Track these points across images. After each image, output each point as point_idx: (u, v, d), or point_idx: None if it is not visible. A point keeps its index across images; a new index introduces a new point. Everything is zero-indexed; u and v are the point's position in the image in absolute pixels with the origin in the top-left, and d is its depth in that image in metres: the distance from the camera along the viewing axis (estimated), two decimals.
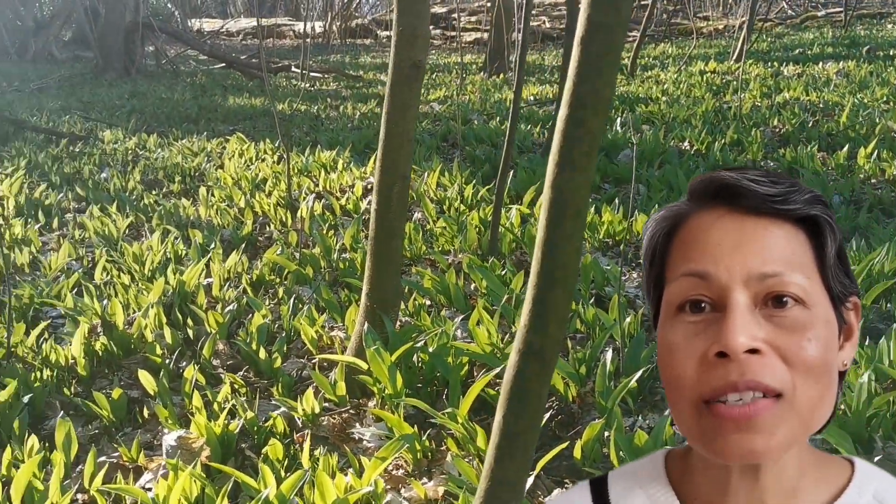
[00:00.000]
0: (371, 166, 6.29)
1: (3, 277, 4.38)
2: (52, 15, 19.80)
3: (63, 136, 8.16)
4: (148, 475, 2.62)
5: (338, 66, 15.37)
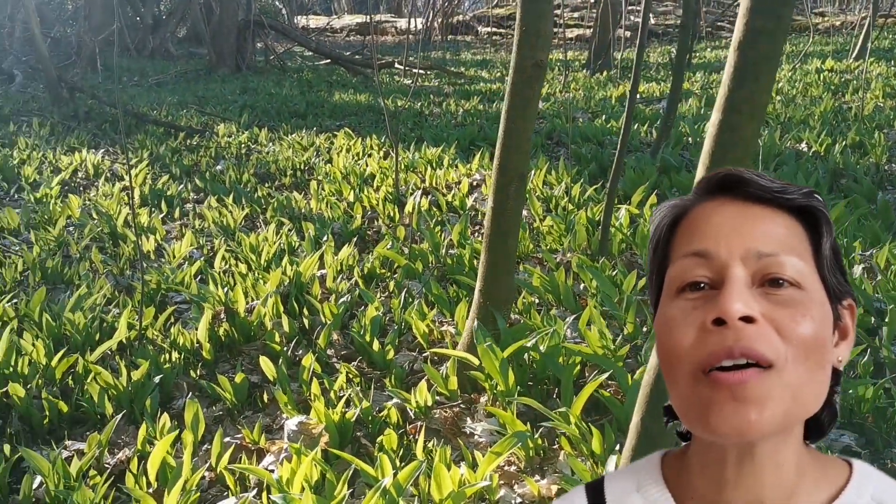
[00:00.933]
0: (476, 163, 6.34)
1: (135, 263, 4.63)
2: (169, 13, 20.69)
3: (181, 129, 8.53)
4: (270, 457, 2.73)
5: (440, 63, 15.49)
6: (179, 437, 2.70)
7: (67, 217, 5.33)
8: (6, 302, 3.81)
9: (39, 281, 4.28)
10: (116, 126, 8.82)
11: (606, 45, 12.73)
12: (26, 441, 2.88)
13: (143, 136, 8.30)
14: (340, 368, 3.25)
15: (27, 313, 3.69)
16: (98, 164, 6.97)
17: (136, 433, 2.92)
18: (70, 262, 4.55)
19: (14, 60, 13.23)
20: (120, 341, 3.45)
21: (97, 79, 12.99)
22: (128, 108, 9.49)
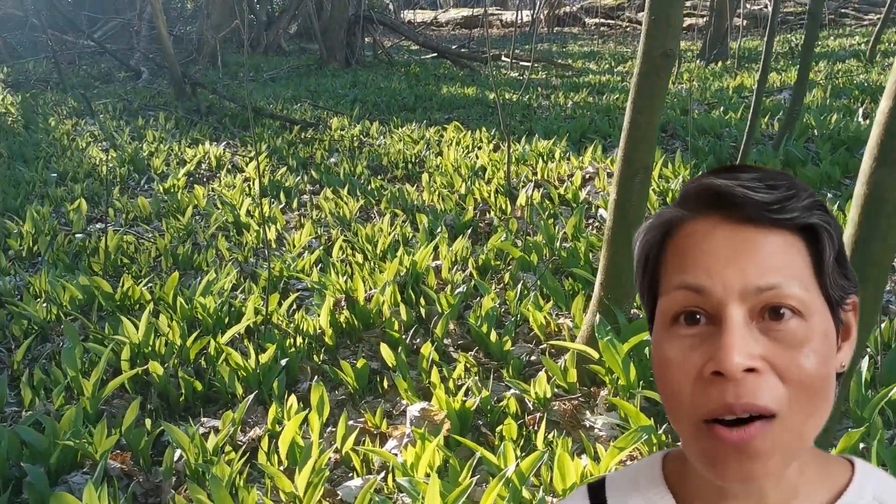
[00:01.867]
0: (589, 156, 6.27)
1: (258, 251, 4.82)
2: (282, 10, 21.33)
3: (296, 122, 8.78)
4: (392, 441, 2.79)
5: (547, 55, 15.37)
6: (306, 418, 2.80)
7: (194, 206, 5.59)
8: (143, 285, 4.04)
9: (171, 266, 4.51)
10: (235, 120, 9.18)
11: (722, 34, 12.33)
12: (164, 417, 3.04)
13: (261, 129, 8.60)
14: (458, 358, 3.29)
15: (162, 296, 3.90)
16: (220, 156, 7.27)
17: (264, 413, 3.05)
18: (198, 249, 4.77)
19: (141, 58, 13.94)
20: (247, 325, 3.60)
21: (217, 75, 13.54)
22: (245, 102, 9.84)
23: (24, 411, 3.04)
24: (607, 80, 11.64)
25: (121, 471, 2.67)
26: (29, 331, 3.71)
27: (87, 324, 3.65)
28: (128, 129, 8.66)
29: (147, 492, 2.61)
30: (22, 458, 2.64)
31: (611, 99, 9.55)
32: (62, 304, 3.90)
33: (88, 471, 2.65)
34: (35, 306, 3.81)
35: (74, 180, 6.58)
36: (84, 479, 2.59)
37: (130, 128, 8.75)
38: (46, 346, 3.62)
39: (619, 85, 11.09)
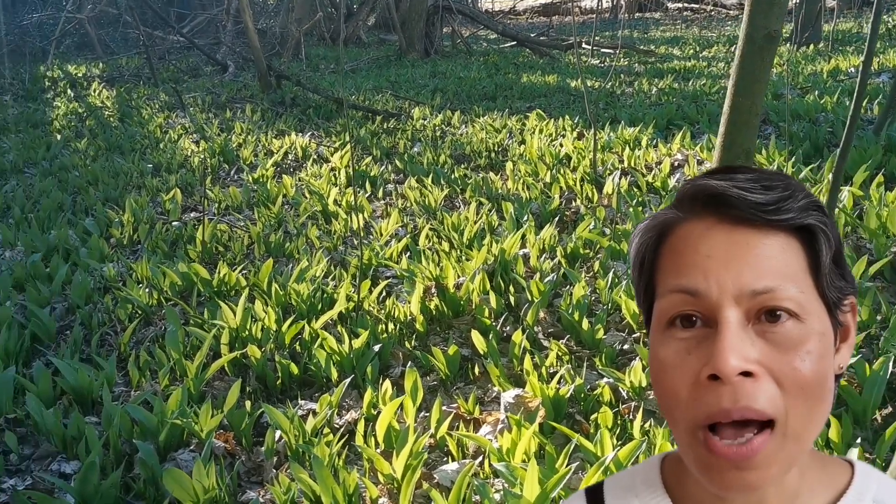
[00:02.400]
0: (677, 143, 6.14)
1: (347, 239, 4.90)
2: (361, 2, 21.57)
3: (378, 113, 8.88)
4: (486, 427, 2.80)
5: (629, 42, 15.10)
6: (400, 403, 2.83)
7: (283, 196, 5.71)
8: (238, 272, 4.16)
9: (264, 254, 4.63)
10: (319, 111, 9.33)
11: (814, 16, 11.87)
12: (262, 399, 3.13)
13: (345, 120, 8.72)
14: (549, 346, 3.28)
15: (256, 283, 4.00)
16: (306, 146, 7.41)
17: (359, 397, 3.10)
18: (289, 238, 4.88)
19: (227, 52, 14.31)
20: (340, 311, 3.66)
21: (300, 67, 13.79)
22: (328, 93, 10.00)
23: (133, 391, 3.17)
24: (693, 65, 11.36)
25: (224, 449, 2.76)
26: (133, 315, 3.87)
27: (187, 309, 3.78)
28: (216, 121, 8.91)
29: (249, 470, 2.70)
30: (133, 435, 2.76)
31: (697, 85, 9.32)
32: (163, 289, 4.05)
33: (195, 449, 2.75)
34: (138, 291, 3.96)
35: (168, 171, 6.82)
36: (191, 457, 2.69)
37: (219, 120, 9.00)
38: (150, 329, 3.77)
39: (705, 70, 10.82)
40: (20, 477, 2.66)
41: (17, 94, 11.53)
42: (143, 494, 2.52)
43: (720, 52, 13.25)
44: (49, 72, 13.27)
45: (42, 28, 16.21)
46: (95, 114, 9.57)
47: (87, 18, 14.93)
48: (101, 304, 3.99)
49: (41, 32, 15.85)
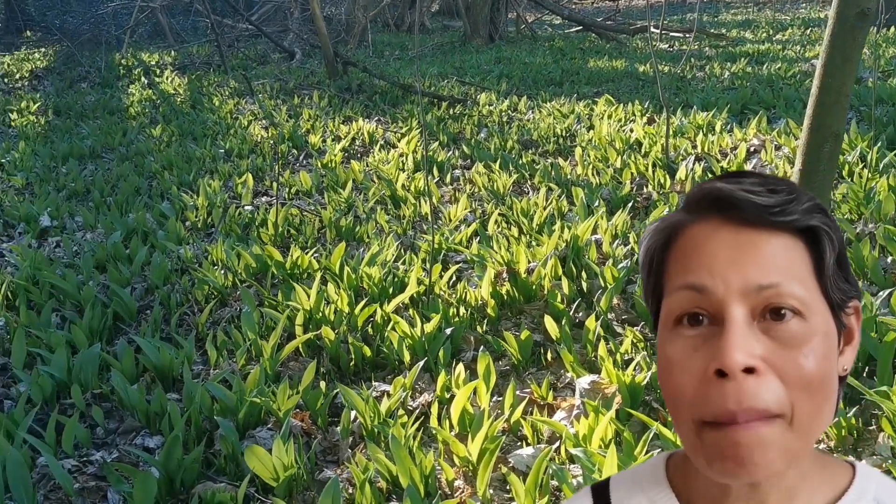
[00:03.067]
0: (753, 128, 5.98)
1: (415, 224, 4.91)
2: None
3: (444, 99, 8.87)
4: (561, 413, 2.78)
5: (698, 25, 14.75)
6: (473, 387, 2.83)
7: (352, 181, 5.76)
8: (310, 255, 4.21)
9: (335, 238, 4.68)
10: (385, 97, 9.37)
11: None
12: (335, 380, 3.17)
13: (410, 105, 8.74)
14: (624, 332, 3.23)
15: (328, 266, 4.04)
16: (372, 132, 7.45)
17: (431, 380, 3.12)
18: (359, 222, 4.92)
19: (294, 39, 14.47)
20: (410, 295, 3.68)
21: (366, 54, 13.87)
22: (394, 79, 10.03)
23: (211, 370, 3.24)
24: (766, 48, 11.03)
25: (301, 428, 2.80)
26: (210, 296, 3.96)
27: (262, 290, 3.85)
28: (285, 107, 9.03)
29: (325, 450, 2.74)
30: (213, 412, 2.82)
31: (772, 69, 9.05)
32: (238, 271, 4.13)
33: (272, 427, 2.80)
34: (214, 273, 4.05)
35: (240, 156, 6.94)
36: (269, 435, 2.74)
37: (287, 106, 9.12)
38: (225, 310, 3.85)
39: (780, 54, 10.50)
40: (107, 450, 2.74)
41: (93, 81, 11.88)
42: (223, 470, 2.58)
43: (794, 35, 12.85)
44: (123, 60, 13.63)
45: (116, 17, 16.65)
46: (168, 100, 9.80)
47: (159, 7, 15.27)
48: (179, 284, 4.09)
49: (116, 22, 16.28)
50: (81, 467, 2.62)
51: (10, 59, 14.46)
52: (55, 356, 3.18)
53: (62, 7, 19.58)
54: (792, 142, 5.40)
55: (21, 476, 2.38)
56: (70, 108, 9.56)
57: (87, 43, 14.78)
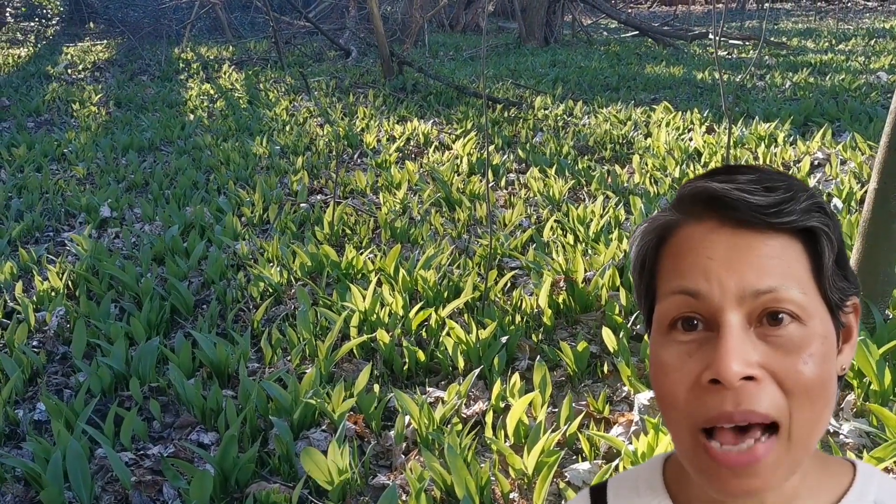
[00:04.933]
0: (817, 141, 5.83)
1: (470, 227, 4.89)
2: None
3: (499, 101, 8.82)
4: (618, 428, 2.73)
5: (757, 33, 14.46)
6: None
7: (407, 181, 5.76)
8: (365, 255, 4.21)
9: (389, 239, 4.68)
10: (440, 98, 9.37)
11: None
12: (389, 383, 3.16)
13: (465, 107, 8.72)
14: None
15: (382, 267, 4.04)
16: (427, 132, 7.44)
17: (485, 387, 3.09)
18: (414, 223, 4.91)
19: (350, 37, 14.56)
20: (466, 301, 3.65)
21: (421, 53, 13.90)
22: (449, 80, 10.02)
23: (266, 368, 3.26)
24: (830, 59, 10.77)
25: (354, 432, 2.79)
26: (265, 293, 3.98)
27: (317, 289, 3.86)
28: (340, 105, 9.08)
29: (378, 454, 2.72)
30: (268, 411, 2.83)
31: (835, 80, 8.82)
32: (293, 269, 4.15)
33: (326, 429, 2.79)
34: (270, 270, 4.07)
35: (295, 153, 6.99)
36: (323, 436, 2.74)
37: (342, 104, 9.17)
38: (280, 308, 3.87)
39: (843, 65, 10.23)
40: (163, 444, 2.77)
41: (153, 74, 12.10)
42: (277, 470, 2.59)
43: (858, 46, 12.52)
44: (183, 54, 13.87)
45: (177, 12, 16.96)
46: (226, 95, 9.93)
47: (219, 3, 15.50)
48: (235, 280, 4.13)
49: (176, 16, 16.58)
50: (138, 460, 2.65)
51: (74, 51, 14.83)
52: (115, 348, 3.22)
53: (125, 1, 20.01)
54: (858, 156, 5.24)
55: (80, 467, 2.41)
56: (130, 101, 9.75)
57: (147, 36, 15.08)
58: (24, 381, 3.18)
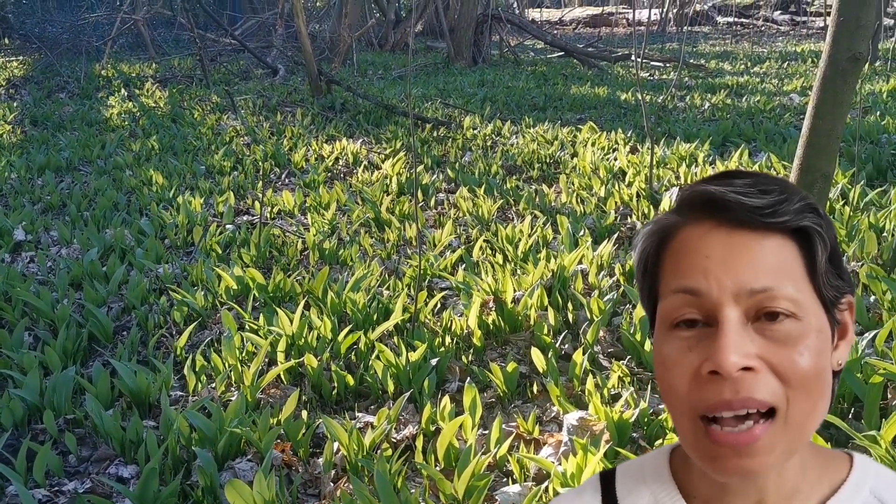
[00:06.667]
0: (735, 162, 6.02)
1: (400, 248, 4.87)
2: (409, 9, 21.64)
3: (427, 120, 8.85)
4: (547, 449, 2.74)
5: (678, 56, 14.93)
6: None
7: (336, 202, 5.71)
8: (293, 278, 4.15)
9: (318, 260, 4.62)
10: (369, 117, 9.34)
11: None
12: (317, 409, 3.10)
13: (394, 126, 8.72)
14: (611, 366, 3.21)
15: (311, 290, 3.98)
16: (356, 152, 7.41)
17: (415, 411, 3.06)
18: (343, 244, 4.86)
19: (277, 55, 14.43)
20: (395, 323, 3.63)
21: (350, 72, 13.85)
22: (377, 99, 10.01)
23: (189, 396, 3.16)
24: (746, 81, 11.18)
25: (281, 460, 2.73)
26: (189, 318, 3.87)
27: (243, 314, 3.77)
28: (267, 124, 8.97)
29: (306, 482, 2.67)
30: (191, 441, 2.74)
31: (751, 101, 9.15)
32: (218, 293, 4.05)
33: (252, 458, 2.72)
34: (193, 294, 3.97)
35: (221, 173, 6.86)
36: (248, 466, 2.67)
37: (270, 123, 9.06)
38: (205, 332, 3.77)
39: (758, 86, 10.64)
40: (79, 480, 2.65)
41: (72, 92, 11.74)
42: (200, 503, 2.51)
43: (772, 68, 13.04)
44: (104, 71, 13.49)
45: (97, 28, 16.52)
46: (149, 114, 9.70)
47: (142, 19, 15.17)
48: (157, 305, 4.01)
49: (96, 32, 16.14)
50: (52, 497, 2.53)
51: None
52: (28, 378, 3.08)
53: (42, 16, 19.39)
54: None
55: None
56: (48, 119, 9.43)
57: (66, 52, 14.63)
58: None
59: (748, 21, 22.75)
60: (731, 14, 22.96)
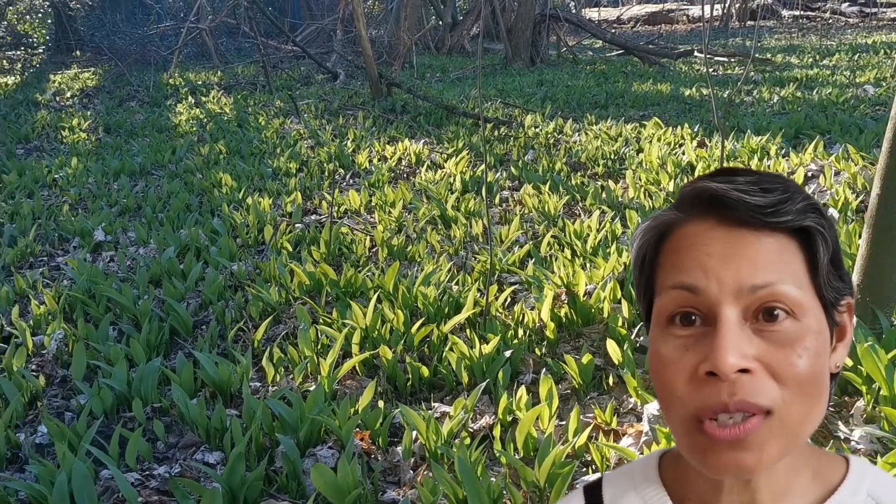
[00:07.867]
0: (809, 153, 5.88)
1: (467, 244, 4.88)
2: (466, 12, 21.70)
3: (489, 120, 8.86)
4: (627, 439, 2.72)
5: (744, 51, 14.64)
6: None
7: (402, 200, 5.76)
8: (363, 274, 4.20)
9: (387, 257, 4.66)
10: (430, 118, 9.39)
11: None
12: (392, 400, 3.13)
13: (455, 126, 8.75)
14: None
15: (381, 285, 4.02)
16: (418, 152, 7.46)
17: (489, 402, 3.06)
18: (410, 241, 4.90)
19: (338, 60, 14.63)
20: (467, 316, 3.64)
21: (409, 75, 13.96)
22: (438, 100, 10.06)
23: (268, 386, 3.22)
24: (816, 73, 10.90)
25: (361, 448, 2.76)
26: (264, 312, 3.95)
27: (316, 308, 3.83)
28: (330, 127, 9.10)
29: (385, 470, 2.69)
30: (273, 429, 2.80)
31: (823, 93, 8.92)
32: (291, 288, 4.12)
33: (332, 446, 2.76)
34: (268, 290, 4.05)
35: (287, 175, 6.98)
36: (329, 453, 2.71)
37: (332, 126, 9.18)
38: (280, 327, 3.84)
39: (829, 79, 10.36)
40: (168, 464, 2.73)
41: (142, 100, 12.10)
42: (285, 488, 2.55)
43: (842, 61, 12.68)
44: (171, 79, 13.87)
45: (164, 38, 17.00)
46: (215, 119, 9.93)
47: (206, 29, 15.55)
48: (233, 300, 4.10)
49: (163, 42, 16.61)
50: (144, 481, 2.61)
51: (62, 78, 14.81)
52: (115, 369, 3.19)
53: (111, 28, 20.04)
54: (852, 167, 5.29)
55: (87, 489, 2.37)
56: (120, 126, 9.73)
57: (135, 63, 15.09)
58: (23, 404, 3.13)
59: (815, 14, 22.18)
60: (797, 7, 22.41)
